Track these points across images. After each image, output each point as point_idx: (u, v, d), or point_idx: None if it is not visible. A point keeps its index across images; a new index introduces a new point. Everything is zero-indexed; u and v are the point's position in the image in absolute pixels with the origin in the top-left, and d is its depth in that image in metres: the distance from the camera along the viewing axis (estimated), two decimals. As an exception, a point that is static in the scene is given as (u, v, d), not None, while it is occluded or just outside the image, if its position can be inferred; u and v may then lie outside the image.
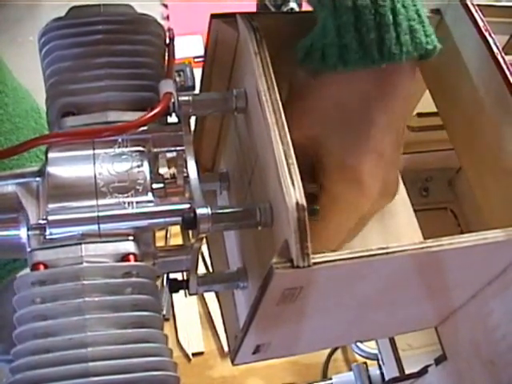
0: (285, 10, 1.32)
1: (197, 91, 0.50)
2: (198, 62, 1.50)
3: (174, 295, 1.26)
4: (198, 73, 1.43)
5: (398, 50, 0.41)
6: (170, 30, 0.52)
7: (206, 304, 1.26)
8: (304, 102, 0.45)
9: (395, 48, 0.41)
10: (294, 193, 0.36)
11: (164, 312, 1.25)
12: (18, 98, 0.69)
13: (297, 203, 0.36)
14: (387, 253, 0.38)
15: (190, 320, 1.25)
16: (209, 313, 1.26)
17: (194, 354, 1.21)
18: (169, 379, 0.40)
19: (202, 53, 0.47)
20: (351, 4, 0.40)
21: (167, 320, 1.25)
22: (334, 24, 0.41)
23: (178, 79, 1.46)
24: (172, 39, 0.51)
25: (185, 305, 1.26)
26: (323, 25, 0.42)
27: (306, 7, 0.46)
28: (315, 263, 0.36)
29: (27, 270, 0.42)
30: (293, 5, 1.31)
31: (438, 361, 0.60)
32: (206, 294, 1.25)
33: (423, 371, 0.65)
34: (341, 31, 0.41)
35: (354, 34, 0.41)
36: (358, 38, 0.41)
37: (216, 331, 1.23)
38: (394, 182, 0.48)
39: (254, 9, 1.38)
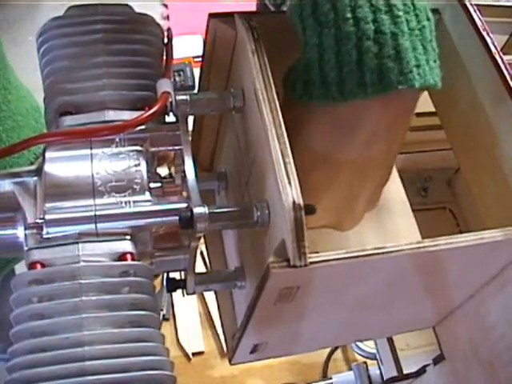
0: (285, 9, 1.31)
1: (196, 91, 0.50)
2: (197, 61, 1.50)
3: (174, 295, 1.26)
4: (197, 73, 1.43)
5: (361, 90, 0.39)
6: (168, 29, 0.52)
7: (206, 304, 1.26)
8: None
9: (357, 88, 0.39)
10: (291, 192, 0.36)
11: (164, 312, 1.25)
12: (20, 96, 0.69)
13: (293, 202, 0.36)
14: (384, 252, 0.38)
15: (190, 320, 1.26)
16: (209, 313, 1.26)
17: (194, 354, 1.22)
18: (165, 378, 0.40)
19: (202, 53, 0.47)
20: (317, 41, 0.40)
21: (167, 320, 1.25)
22: (304, 57, 0.41)
23: (177, 79, 1.46)
24: (170, 39, 0.51)
25: (185, 305, 1.27)
26: (299, 56, 0.42)
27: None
28: (312, 263, 0.36)
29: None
30: (293, 4, 1.31)
31: (436, 361, 0.60)
32: (206, 294, 1.25)
33: (421, 371, 0.65)
34: (307, 66, 0.41)
35: (317, 70, 0.40)
36: (321, 75, 0.40)
37: (216, 331, 1.24)
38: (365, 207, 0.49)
39: (253, 8, 1.38)
